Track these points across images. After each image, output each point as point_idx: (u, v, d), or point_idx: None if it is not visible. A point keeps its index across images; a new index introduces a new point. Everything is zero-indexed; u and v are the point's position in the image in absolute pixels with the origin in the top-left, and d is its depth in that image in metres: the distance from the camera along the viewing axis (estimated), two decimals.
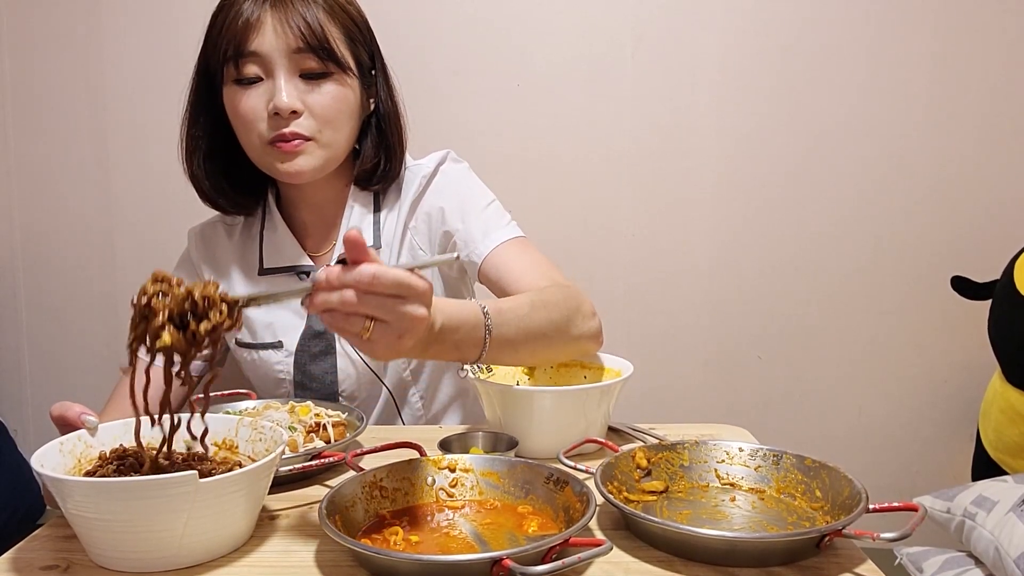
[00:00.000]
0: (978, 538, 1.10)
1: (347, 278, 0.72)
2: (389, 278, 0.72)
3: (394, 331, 0.74)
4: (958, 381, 1.78)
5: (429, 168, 1.21)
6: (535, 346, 0.99)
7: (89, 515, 0.69)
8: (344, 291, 0.72)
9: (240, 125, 1.12)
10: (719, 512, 0.82)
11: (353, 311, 0.72)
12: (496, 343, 0.91)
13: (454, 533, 0.77)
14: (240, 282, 1.23)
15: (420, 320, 0.74)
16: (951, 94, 1.69)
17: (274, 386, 1.22)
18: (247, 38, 1.08)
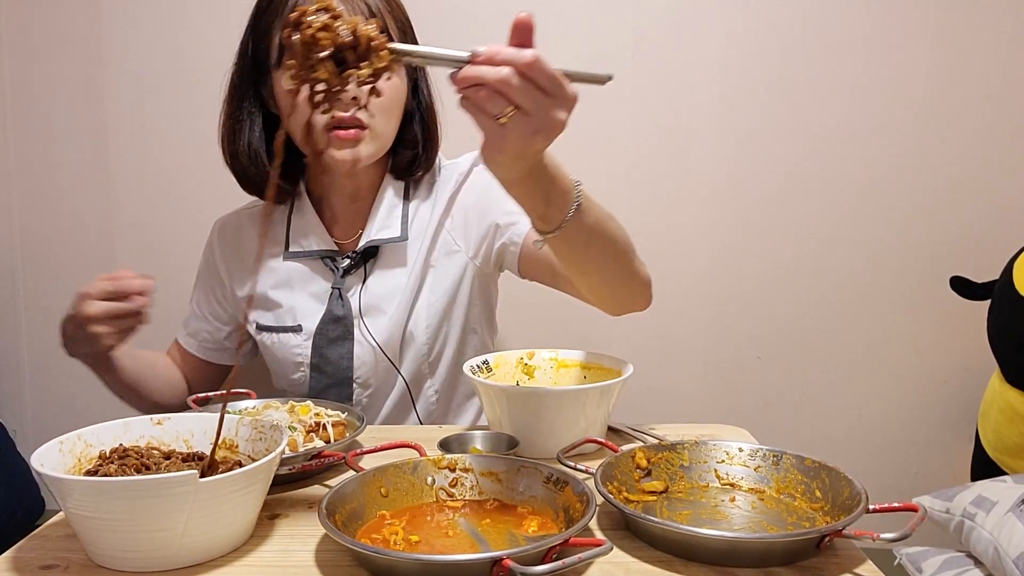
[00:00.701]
0: (977, 538, 1.10)
1: (508, 54, 0.71)
2: (549, 69, 0.71)
3: (531, 125, 0.73)
4: (957, 381, 1.78)
5: (464, 166, 1.25)
6: (605, 249, 0.94)
7: (89, 514, 0.69)
8: (502, 68, 0.71)
9: (292, 108, 1.11)
10: (719, 512, 0.82)
11: (502, 91, 0.71)
12: (577, 220, 0.87)
13: (454, 533, 0.77)
14: (268, 268, 1.25)
15: (559, 125, 0.74)
16: (950, 95, 1.70)
17: (291, 369, 1.24)
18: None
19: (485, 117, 0.73)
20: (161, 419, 0.86)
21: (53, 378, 1.88)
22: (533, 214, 0.87)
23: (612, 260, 0.97)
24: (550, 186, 0.84)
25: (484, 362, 1.09)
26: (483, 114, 0.73)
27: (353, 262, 1.21)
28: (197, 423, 0.87)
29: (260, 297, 1.24)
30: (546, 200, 0.84)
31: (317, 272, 1.23)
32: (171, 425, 0.86)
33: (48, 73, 1.78)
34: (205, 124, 1.76)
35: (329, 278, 1.22)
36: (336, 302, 1.20)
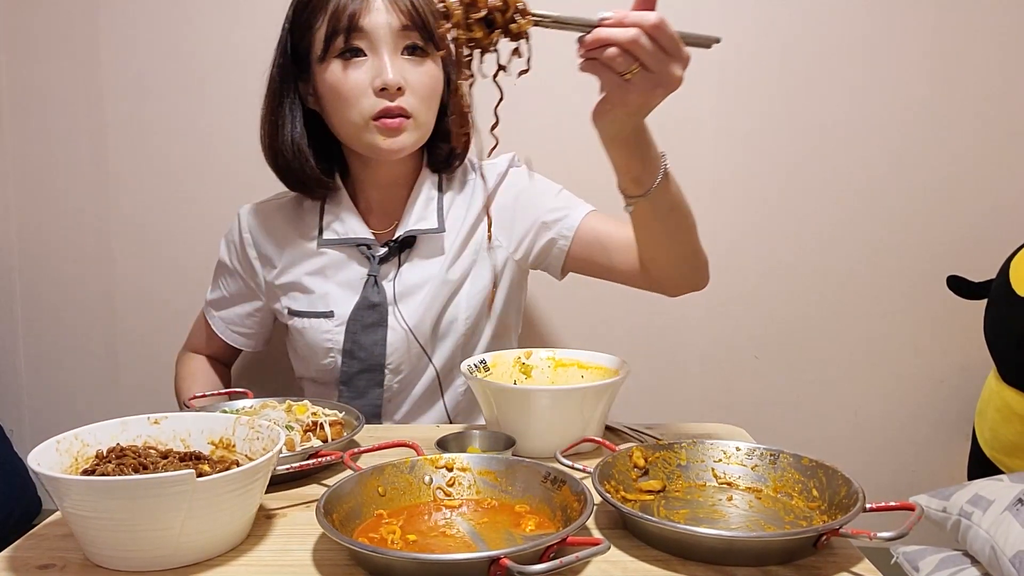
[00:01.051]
0: (974, 537, 1.11)
1: (636, 17, 0.80)
2: (671, 31, 0.81)
3: (652, 81, 0.82)
4: (954, 381, 1.78)
5: (502, 167, 1.30)
6: (680, 220, 1.05)
7: (86, 514, 0.69)
8: (630, 29, 0.79)
9: (340, 100, 1.14)
10: (716, 511, 0.82)
11: (630, 49, 0.80)
12: (664, 186, 0.97)
13: (451, 532, 0.77)
14: (298, 254, 1.27)
15: (676, 81, 0.83)
16: (948, 95, 1.70)
17: (321, 355, 1.25)
18: (359, 13, 1.11)
19: (611, 74, 0.82)
20: (158, 418, 0.86)
21: (50, 377, 1.87)
22: (628, 175, 0.96)
23: (685, 232, 1.07)
24: (647, 149, 0.95)
25: (481, 361, 1.09)
26: (610, 72, 0.82)
27: (390, 251, 1.24)
28: (194, 422, 0.87)
29: (293, 283, 1.27)
30: (643, 162, 0.95)
31: (352, 259, 1.25)
32: (168, 424, 0.86)
33: (46, 72, 1.78)
34: (205, 124, 1.76)
35: (364, 265, 1.24)
36: (372, 289, 1.22)
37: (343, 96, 1.14)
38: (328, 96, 1.16)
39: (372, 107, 1.13)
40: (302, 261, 1.27)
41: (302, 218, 1.29)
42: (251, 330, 1.37)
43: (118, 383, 1.86)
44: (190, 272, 1.81)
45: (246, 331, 1.37)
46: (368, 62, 1.13)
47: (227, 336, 1.37)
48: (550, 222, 1.25)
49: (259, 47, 1.74)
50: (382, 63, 1.13)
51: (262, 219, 1.31)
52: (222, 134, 1.77)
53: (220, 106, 1.76)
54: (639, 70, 0.82)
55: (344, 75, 1.13)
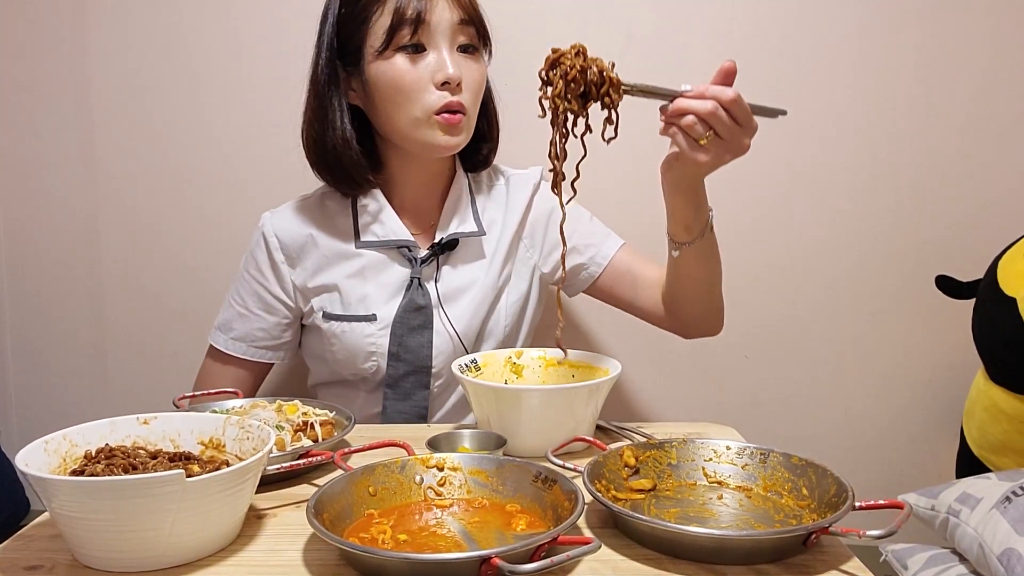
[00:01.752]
0: (962, 535, 1.11)
1: (715, 91, 0.93)
2: (745, 105, 0.94)
3: (723, 148, 0.94)
4: (943, 380, 1.79)
5: (534, 178, 1.31)
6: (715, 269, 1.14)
7: (74, 514, 0.69)
8: (707, 101, 0.92)
9: (400, 94, 1.13)
10: (707, 510, 0.83)
11: (708, 120, 0.92)
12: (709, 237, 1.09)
13: (442, 532, 0.77)
14: (332, 256, 1.24)
15: (744, 148, 0.96)
16: (936, 94, 1.71)
17: (362, 359, 1.23)
18: (425, 7, 1.11)
19: (687, 139, 0.94)
20: (147, 419, 0.86)
21: (38, 377, 1.86)
22: (681, 223, 1.07)
23: (714, 283, 1.16)
24: (702, 201, 1.06)
25: (472, 361, 1.09)
26: (687, 136, 0.94)
27: (431, 252, 1.23)
28: (184, 422, 0.86)
29: (328, 285, 1.24)
30: (696, 212, 1.05)
31: (393, 261, 1.23)
32: (157, 425, 0.86)
33: (33, 68, 1.76)
34: (196, 120, 1.76)
35: (405, 267, 1.23)
36: (417, 291, 1.21)
37: (404, 90, 1.13)
38: (385, 90, 1.14)
39: (435, 102, 1.13)
40: (338, 263, 1.23)
41: (332, 219, 1.26)
42: (279, 341, 1.29)
43: (107, 383, 1.86)
44: (180, 270, 1.80)
45: (275, 343, 1.28)
46: (429, 56, 1.13)
47: (253, 356, 1.27)
48: (582, 247, 1.27)
49: (252, 42, 1.74)
50: (443, 58, 1.12)
51: (288, 222, 1.26)
52: (214, 131, 1.76)
53: (212, 102, 1.75)
54: (712, 136, 0.93)
55: (407, 69, 1.12)
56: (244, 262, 1.29)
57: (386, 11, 1.12)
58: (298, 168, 1.85)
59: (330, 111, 1.18)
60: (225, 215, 1.79)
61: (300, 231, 1.25)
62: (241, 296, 1.27)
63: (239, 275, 1.29)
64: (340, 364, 1.25)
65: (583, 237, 1.28)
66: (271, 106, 1.76)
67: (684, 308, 1.21)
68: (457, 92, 1.13)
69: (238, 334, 1.27)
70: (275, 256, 1.25)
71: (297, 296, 1.26)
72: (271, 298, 1.26)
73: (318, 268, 1.24)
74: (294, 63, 1.74)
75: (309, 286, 1.24)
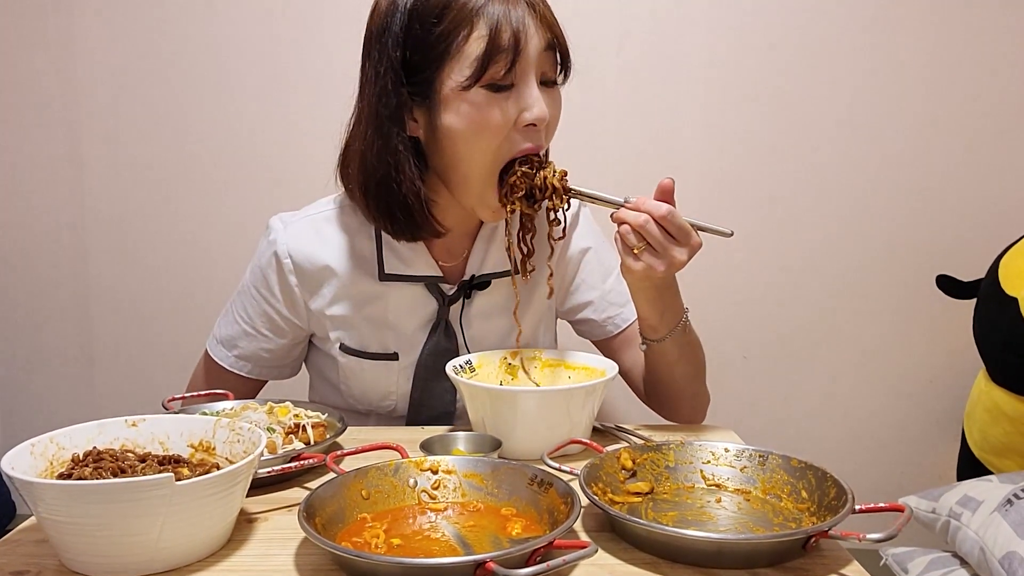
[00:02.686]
0: (963, 538, 1.11)
1: (649, 206, 0.97)
2: (677, 222, 0.97)
3: (656, 260, 0.98)
4: (943, 381, 1.80)
5: (573, 210, 1.22)
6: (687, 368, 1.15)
7: (61, 519, 0.68)
8: (640, 214, 0.96)
9: (479, 135, 1.00)
10: (705, 513, 0.83)
11: (640, 232, 0.96)
12: (677, 338, 1.10)
13: (436, 536, 0.77)
14: (352, 285, 1.13)
15: (679, 263, 0.99)
16: (938, 95, 1.71)
17: (379, 397, 1.18)
18: (522, 33, 0.97)
19: (624, 246, 0.99)
20: (136, 421, 0.85)
21: (24, 379, 1.86)
22: (645, 322, 1.09)
23: (689, 379, 1.16)
24: (666, 304, 1.07)
25: (467, 362, 1.09)
26: (624, 244, 0.99)
27: (460, 290, 1.15)
28: (173, 425, 0.86)
29: (347, 317, 1.14)
30: (660, 315, 1.07)
31: (417, 299, 1.14)
32: (146, 427, 0.85)
33: (19, 66, 1.76)
34: (183, 122, 1.75)
35: (430, 306, 1.15)
36: (443, 334, 1.14)
37: (486, 131, 0.99)
38: (460, 128, 1.00)
39: (515, 146, 1.01)
40: (358, 294, 1.13)
41: (352, 244, 1.13)
42: (287, 360, 1.22)
43: (94, 384, 1.85)
44: (167, 272, 1.80)
45: (282, 363, 1.22)
46: (513, 91, 0.99)
47: (260, 375, 1.21)
48: (603, 305, 1.23)
49: (242, 41, 1.74)
50: (531, 93, 0.99)
51: (304, 243, 1.13)
52: (203, 132, 1.76)
53: (202, 102, 1.75)
54: (645, 247, 0.97)
55: (490, 108, 0.98)
56: (251, 276, 1.17)
57: (475, 36, 0.96)
58: (290, 169, 1.86)
59: (397, 154, 1.03)
60: (214, 216, 1.79)
61: (317, 255, 1.12)
62: (248, 314, 1.18)
63: (245, 288, 1.18)
64: (354, 397, 1.19)
65: (607, 295, 1.23)
66: (262, 105, 1.75)
67: (659, 395, 1.19)
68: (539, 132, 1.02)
69: (244, 353, 1.19)
70: (289, 279, 1.13)
71: (311, 321, 1.16)
72: (281, 321, 1.16)
73: (336, 298, 1.13)
74: (284, 59, 1.74)
75: (326, 314, 1.14)
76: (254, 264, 1.17)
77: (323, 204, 1.18)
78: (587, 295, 1.23)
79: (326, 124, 1.52)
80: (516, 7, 0.97)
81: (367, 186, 1.06)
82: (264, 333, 1.18)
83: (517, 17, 0.97)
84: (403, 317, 1.15)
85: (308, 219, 1.15)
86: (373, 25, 1.03)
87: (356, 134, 1.06)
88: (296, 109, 1.74)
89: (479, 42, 0.96)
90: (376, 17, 1.03)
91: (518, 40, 0.96)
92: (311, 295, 1.14)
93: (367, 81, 1.04)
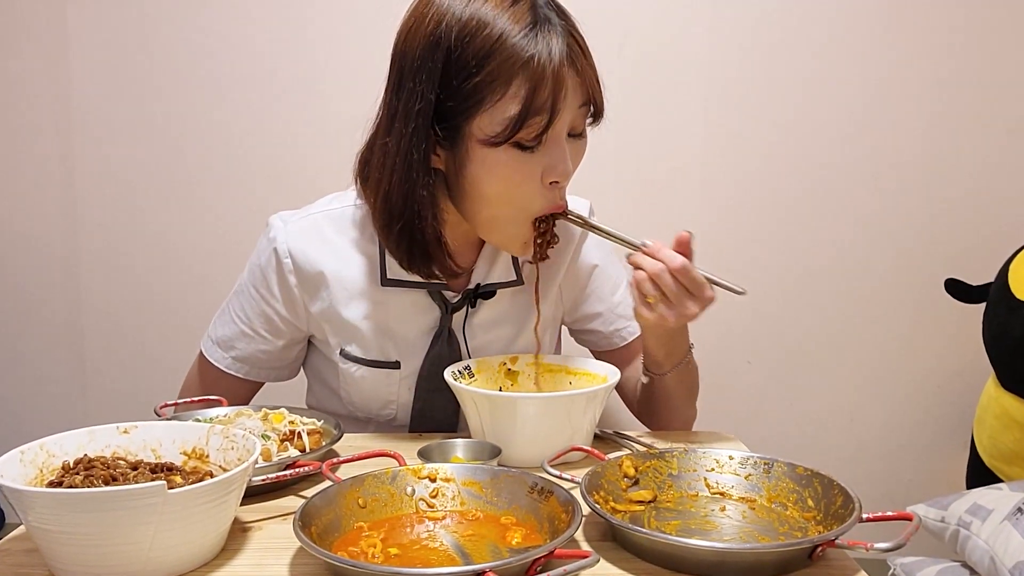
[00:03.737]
0: (973, 547, 1.12)
1: (665, 255, 0.99)
2: (692, 275, 0.99)
3: (670, 312, 1.00)
4: (952, 387, 1.80)
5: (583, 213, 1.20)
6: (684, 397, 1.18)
7: (51, 528, 0.68)
8: (657, 263, 0.98)
9: (504, 190, 1.00)
10: (708, 522, 0.82)
11: (653, 280, 0.99)
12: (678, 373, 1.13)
13: (434, 545, 0.77)
14: (354, 289, 1.12)
15: (691, 316, 1.00)
16: (946, 94, 1.71)
17: (379, 406, 1.17)
18: (562, 91, 0.95)
19: (638, 293, 1.01)
20: (128, 428, 0.85)
21: (14, 385, 1.86)
22: (650, 358, 1.12)
23: (683, 401, 1.19)
24: (673, 346, 1.10)
25: (466, 367, 1.09)
26: (639, 291, 1.01)
27: (464, 299, 1.14)
28: (165, 432, 0.86)
29: (348, 323, 1.13)
30: (666, 353, 1.11)
31: (419, 306, 1.13)
32: (138, 434, 0.85)
33: (9, 65, 1.76)
34: (178, 120, 1.76)
35: (433, 313, 1.14)
36: (445, 343, 1.14)
37: (512, 188, 1.00)
38: (485, 181, 1.00)
39: (541, 204, 1.02)
40: (359, 299, 1.12)
41: (356, 245, 1.13)
42: (285, 362, 1.22)
43: (85, 390, 1.85)
44: (160, 275, 1.80)
45: (281, 364, 1.22)
46: (541, 148, 0.98)
47: (256, 377, 1.21)
48: (610, 316, 1.24)
49: (237, 40, 1.74)
50: (559, 152, 0.99)
51: (304, 243, 1.12)
52: (197, 133, 1.76)
53: (197, 103, 1.75)
54: (660, 296, 0.99)
55: (516, 165, 0.98)
56: (250, 275, 1.17)
57: (511, 94, 0.94)
58: (287, 171, 1.86)
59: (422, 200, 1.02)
60: (209, 215, 1.79)
61: (318, 257, 1.12)
62: (246, 314, 1.17)
63: (243, 287, 1.18)
64: (353, 404, 1.19)
65: (615, 308, 1.24)
66: (256, 104, 1.76)
67: (651, 414, 1.22)
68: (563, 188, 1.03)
69: (241, 354, 1.18)
70: (288, 279, 1.12)
71: (310, 323, 1.16)
72: (279, 321, 1.16)
73: (336, 301, 1.13)
74: (278, 60, 1.74)
75: (326, 317, 1.14)
76: (253, 263, 1.17)
77: (326, 202, 1.17)
78: (596, 307, 1.24)
79: (323, 125, 1.53)
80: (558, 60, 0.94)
81: (390, 226, 1.05)
82: (262, 334, 1.17)
83: (557, 77, 0.94)
84: (405, 324, 1.14)
85: (309, 218, 1.15)
86: (408, 51, 0.99)
87: (383, 166, 1.04)
88: (293, 110, 1.74)
89: (515, 103, 0.94)
90: (413, 44, 0.98)
91: (555, 105, 0.95)
92: (311, 296, 1.13)
93: (398, 116, 1.01)
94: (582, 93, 0.99)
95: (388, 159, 1.02)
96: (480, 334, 1.17)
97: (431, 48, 0.96)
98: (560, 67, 0.94)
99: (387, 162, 1.03)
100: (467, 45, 0.94)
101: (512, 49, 0.93)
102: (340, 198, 1.17)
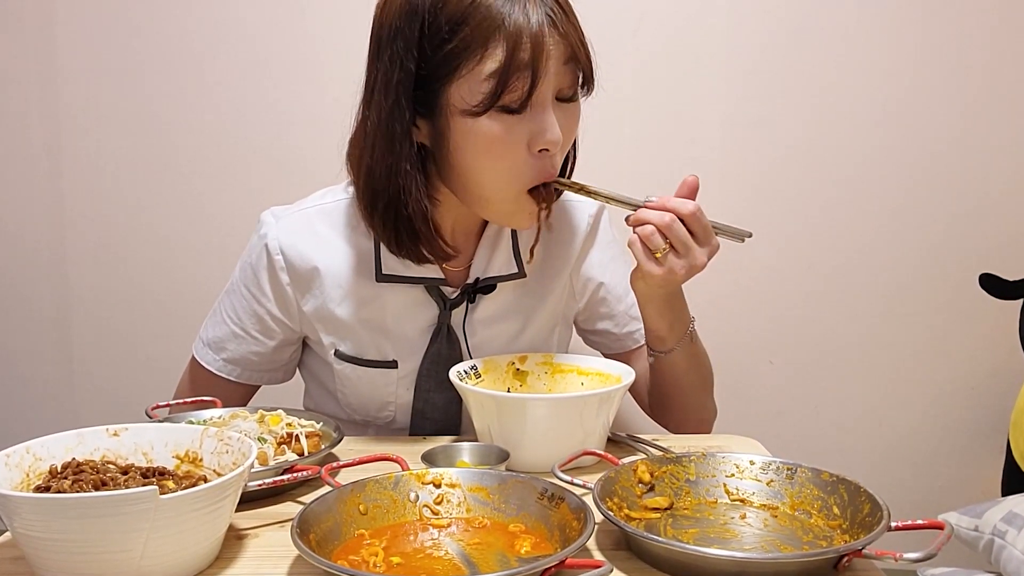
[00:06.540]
0: (1008, 558, 1.11)
1: (674, 203, 0.99)
2: (704, 221, 0.99)
3: (678, 263, 0.99)
4: (987, 388, 1.79)
5: (592, 210, 1.22)
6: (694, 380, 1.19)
7: (38, 534, 0.69)
8: (665, 214, 0.98)
9: (487, 161, 1.00)
10: (728, 531, 0.82)
11: (664, 232, 0.98)
12: (685, 349, 1.14)
13: (439, 554, 0.77)
14: (348, 287, 1.13)
15: (700, 265, 1.00)
16: (980, 80, 1.70)
17: (376, 408, 1.18)
18: (543, 52, 0.95)
19: (644, 250, 1.00)
20: (118, 430, 0.86)
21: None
22: (654, 333, 1.13)
23: (696, 391, 1.20)
24: (676, 314, 1.11)
25: (472, 367, 1.09)
26: (644, 247, 1.00)
27: (463, 294, 1.15)
28: (157, 434, 0.87)
29: (342, 322, 1.14)
30: (669, 325, 1.11)
31: (416, 302, 1.14)
32: (129, 436, 0.86)
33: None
34: (168, 113, 1.76)
35: (431, 310, 1.14)
36: (445, 340, 1.14)
37: (493, 157, 1.00)
38: (470, 151, 1.00)
39: (528, 175, 1.02)
40: (354, 296, 1.13)
41: (349, 240, 1.14)
42: (279, 364, 1.23)
43: (73, 390, 1.86)
44: (151, 270, 1.81)
45: (274, 366, 1.23)
46: (526, 113, 0.98)
47: (249, 379, 1.22)
48: (624, 318, 1.26)
49: (230, 29, 1.75)
50: (546, 117, 0.98)
51: (296, 239, 1.13)
52: (189, 124, 1.77)
53: (188, 92, 1.76)
54: (668, 250, 0.99)
55: (499, 133, 0.98)
56: (241, 274, 1.18)
57: (488, 57, 0.95)
58: (280, 165, 1.86)
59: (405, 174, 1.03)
60: (202, 209, 1.79)
61: (310, 253, 1.13)
62: (237, 314, 1.18)
63: (234, 287, 1.19)
64: (351, 406, 1.20)
65: (629, 309, 1.25)
66: (248, 96, 1.76)
67: (665, 408, 1.23)
68: (553, 156, 1.02)
69: (232, 356, 1.19)
70: (280, 277, 1.13)
71: (303, 323, 1.17)
72: (271, 321, 1.16)
73: (330, 299, 1.13)
74: (273, 48, 1.75)
75: (320, 316, 1.15)
76: (244, 261, 1.18)
77: (318, 197, 1.18)
78: (610, 307, 1.26)
79: (316, 117, 1.54)
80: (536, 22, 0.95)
81: (374, 204, 1.06)
82: (253, 335, 1.18)
83: (536, 36, 0.94)
84: (402, 321, 1.15)
85: (301, 213, 1.15)
86: (385, 21, 1.01)
87: (364, 142, 1.05)
88: (285, 102, 1.74)
89: (492, 64, 0.95)
90: (390, 13, 1.00)
91: (536, 65, 0.95)
92: (304, 295, 1.14)
93: (376, 88, 1.02)
94: (565, 51, 0.98)
95: (369, 133, 1.04)
96: (481, 330, 1.17)
97: (407, 16, 0.97)
98: (540, 26, 0.95)
99: (367, 136, 1.04)
100: (441, 11, 0.95)
101: (487, 11, 0.94)
102: (333, 192, 1.18)
